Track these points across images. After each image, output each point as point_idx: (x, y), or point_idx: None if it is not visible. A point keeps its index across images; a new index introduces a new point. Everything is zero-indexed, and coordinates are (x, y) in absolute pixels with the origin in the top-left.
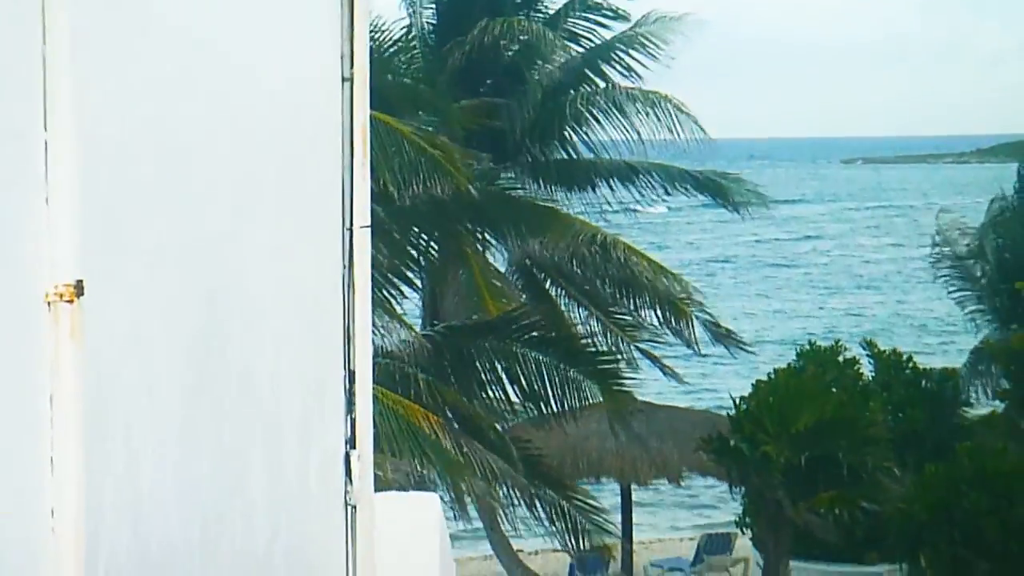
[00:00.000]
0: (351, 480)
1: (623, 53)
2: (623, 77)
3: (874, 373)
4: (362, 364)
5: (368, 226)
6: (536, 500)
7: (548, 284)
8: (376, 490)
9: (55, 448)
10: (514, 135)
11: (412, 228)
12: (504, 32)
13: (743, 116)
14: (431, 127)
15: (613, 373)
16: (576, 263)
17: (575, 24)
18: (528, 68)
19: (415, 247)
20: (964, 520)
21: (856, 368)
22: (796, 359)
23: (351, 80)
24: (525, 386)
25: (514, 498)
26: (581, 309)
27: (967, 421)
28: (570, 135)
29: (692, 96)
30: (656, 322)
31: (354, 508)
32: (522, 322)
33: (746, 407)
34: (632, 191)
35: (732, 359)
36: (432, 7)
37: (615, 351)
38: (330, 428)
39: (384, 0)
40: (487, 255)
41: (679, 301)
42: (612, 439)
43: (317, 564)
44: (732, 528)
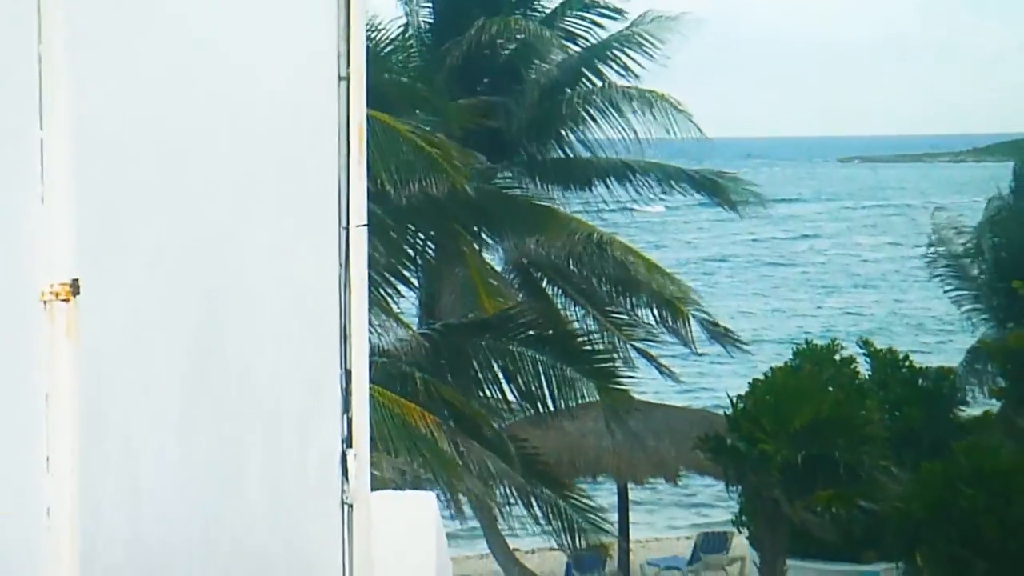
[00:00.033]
0: (347, 479)
1: (620, 52)
2: (620, 76)
3: (871, 372)
4: (359, 363)
5: (365, 225)
6: (533, 499)
7: (545, 283)
8: (372, 489)
9: (51, 447)
10: (511, 134)
11: (409, 227)
12: (501, 31)
13: (740, 115)
14: (428, 126)
15: (610, 372)
16: (573, 262)
17: (572, 23)
18: (525, 67)
19: (412, 246)
20: (961, 518)
21: (853, 367)
22: (793, 358)
23: (348, 79)
24: (522, 385)
25: (511, 497)
26: (578, 308)
27: (964, 420)
28: (567, 134)
29: (689, 95)
30: (653, 321)
31: (350, 507)
32: (519, 321)
33: (743, 406)
34: (629, 190)
35: (729, 358)
36: (429, 6)
37: (612, 350)
38: (327, 427)
39: None
40: (484, 254)
41: (676, 300)
42: (609, 438)
43: (314, 563)
44: (729, 527)
